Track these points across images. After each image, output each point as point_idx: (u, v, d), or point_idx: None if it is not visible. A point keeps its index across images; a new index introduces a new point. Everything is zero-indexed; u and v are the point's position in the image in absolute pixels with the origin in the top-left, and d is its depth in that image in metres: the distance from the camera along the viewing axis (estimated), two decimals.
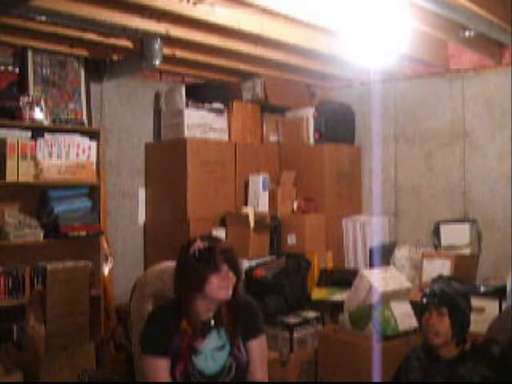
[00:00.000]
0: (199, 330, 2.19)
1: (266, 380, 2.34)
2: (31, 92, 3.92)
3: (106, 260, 4.14)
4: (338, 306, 4.13)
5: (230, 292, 2.18)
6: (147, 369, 2.18)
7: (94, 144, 4.04)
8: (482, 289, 3.93)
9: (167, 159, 4.56)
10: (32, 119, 3.77)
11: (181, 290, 2.21)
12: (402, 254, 4.57)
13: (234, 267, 2.19)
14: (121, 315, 4.00)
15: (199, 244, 2.18)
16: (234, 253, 2.23)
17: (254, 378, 2.28)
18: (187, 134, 4.48)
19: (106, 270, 4.12)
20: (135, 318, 2.61)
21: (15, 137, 3.71)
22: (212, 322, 2.22)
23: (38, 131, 3.82)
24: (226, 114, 4.77)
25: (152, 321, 2.25)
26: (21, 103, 3.73)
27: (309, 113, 4.98)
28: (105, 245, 4.13)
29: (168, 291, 2.45)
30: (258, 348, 2.30)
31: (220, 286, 2.14)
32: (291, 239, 4.66)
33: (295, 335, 4.13)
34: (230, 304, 2.23)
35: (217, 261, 2.14)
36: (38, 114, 3.79)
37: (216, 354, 2.20)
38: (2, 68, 3.87)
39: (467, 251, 4.32)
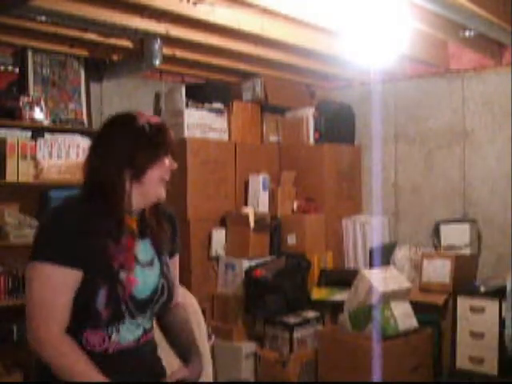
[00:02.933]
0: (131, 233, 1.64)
1: (184, 303, 1.93)
2: (31, 92, 3.92)
3: None
4: (338, 306, 4.13)
5: (164, 193, 1.69)
6: (41, 278, 1.51)
7: None
8: (482, 289, 3.94)
9: None
10: (32, 119, 3.77)
11: (114, 172, 1.59)
12: (402, 254, 4.57)
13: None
14: None
15: (151, 117, 1.67)
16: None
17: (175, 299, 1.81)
18: (187, 134, 4.48)
19: None
20: None
21: (15, 137, 3.71)
22: (136, 230, 1.66)
23: (38, 131, 3.82)
24: (226, 114, 4.77)
25: (66, 218, 1.57)
26: (21, 103, 3.73)
27: (309, 113, 4.98)
28: None
29: None
30: (175, 267, 1.84)
31: (161, 178, 1.66)
32: (291, 239, 4.66)
33: (295, 335, 4.13)
34: (155, 209, 1.73)
35: (169, 142, 1.66)
36: (38, 114, 3.79)
37: (147, 271, 1.65)
38: (2, 68, 3.86)
39: (467, 251, 4.32)
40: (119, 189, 1.60)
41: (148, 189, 1.64)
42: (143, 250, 1.67)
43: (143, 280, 1.63)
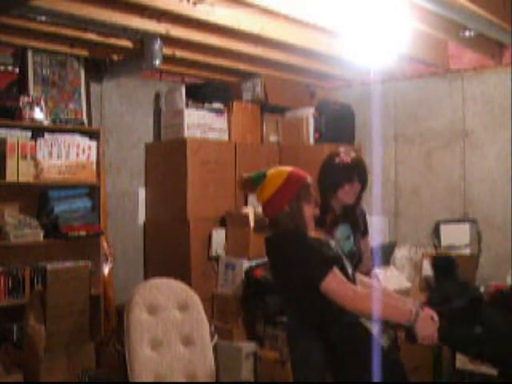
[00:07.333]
0: (333, 221, 2.77)
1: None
2: (31, 92, 3.92)
3: (106, 260, 4.14)
4: None
5: (353, 199, 2.78)
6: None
7: (94, 144, 4.04)
8: (482, 289, 3.93)
9: (167, 159, 4.56)
10: (32, 119, 3.77)
11: (322, 187, 2.80)
12: (402, 253, 4.57)
13: (363, 179, 2.78)
14: (120, 315, 4.01)
15: (345, 158, 2.79)
16: (365, 166, 2.83)
17: (366, 265, 2.86)
18: (187, 134, 4.48)
19: (106, 269, 4.12)
20: (127, 326, 2.80)
21: (15, 137, 3.71)
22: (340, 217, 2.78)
23: (38, 131, 3.82)
24: (225, 114, 4.77)
25: None
26: (21, 103, 3.73)
27: (309, 113, 4.98)
28: (105, 245, 4.13)
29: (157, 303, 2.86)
30: (366, 244, 2.94)
31: (348, 193, 2.75)
32: None
33: None
34: (354, 207, 2.82)
35: (352, 173, 2.74)
36: (38, 114, 3.79)
37: (344, 242, 2.72)
38: (2, 68, 3.86)
39: (467, 251, 4.32)
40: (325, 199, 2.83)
41: (338, 199, 2.81)
42: (343, 230, 2.78)
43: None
